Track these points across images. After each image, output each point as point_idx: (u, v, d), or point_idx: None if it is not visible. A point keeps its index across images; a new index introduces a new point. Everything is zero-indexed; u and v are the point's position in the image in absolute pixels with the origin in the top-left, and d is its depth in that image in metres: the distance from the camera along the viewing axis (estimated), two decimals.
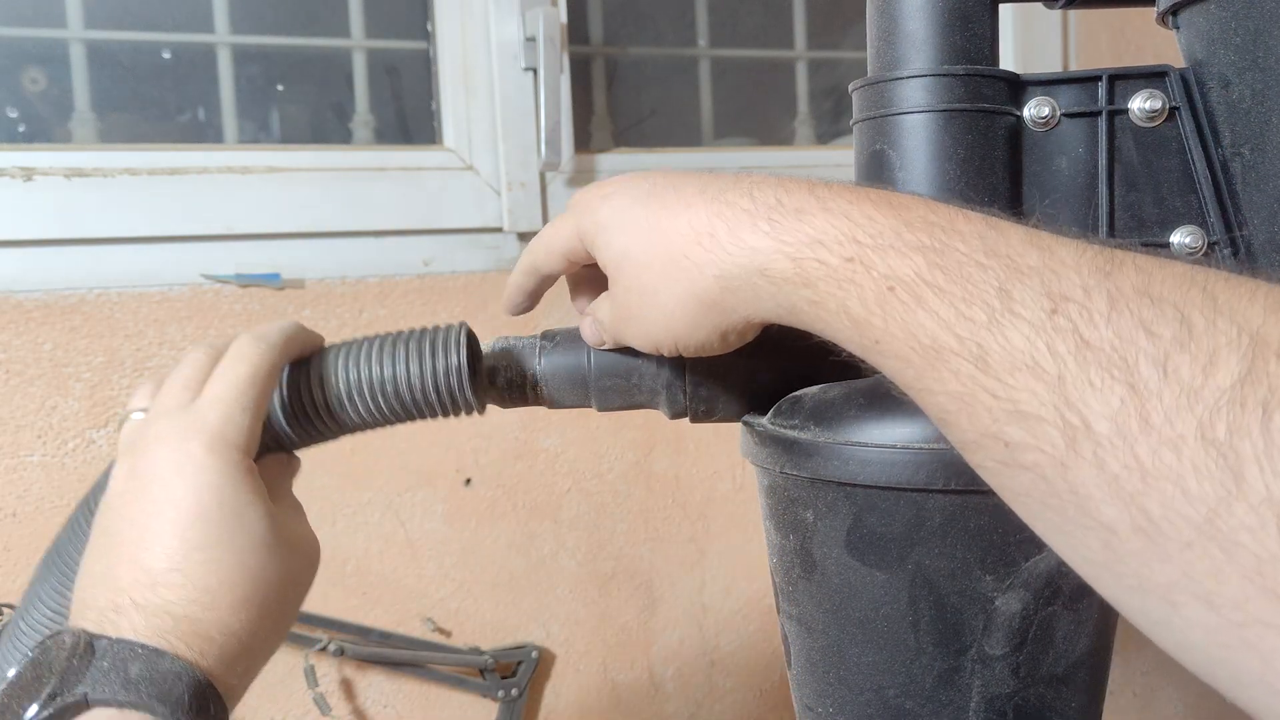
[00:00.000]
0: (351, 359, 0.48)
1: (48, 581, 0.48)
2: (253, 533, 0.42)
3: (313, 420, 0.48)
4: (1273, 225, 0.42)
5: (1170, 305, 0.26)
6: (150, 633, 0.39)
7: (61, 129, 1.05)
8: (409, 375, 0.47)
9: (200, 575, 0.40)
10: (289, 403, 0.48)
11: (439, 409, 0.48)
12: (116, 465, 0.44)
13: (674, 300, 0.38)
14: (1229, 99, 0.42)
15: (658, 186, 0.39)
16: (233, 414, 0.43)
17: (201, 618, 0.40)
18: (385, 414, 0.48)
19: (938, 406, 0.30)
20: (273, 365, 0.46)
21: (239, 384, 0.44)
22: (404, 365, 0.47)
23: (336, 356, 0.48)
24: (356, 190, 1.07)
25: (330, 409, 0.48)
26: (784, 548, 0.46)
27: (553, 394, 0.50)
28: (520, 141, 1.12)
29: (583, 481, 1.16)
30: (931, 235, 0.31)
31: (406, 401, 0.48)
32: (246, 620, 0.41)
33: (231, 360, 0.45)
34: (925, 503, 0.40)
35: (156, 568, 0.40)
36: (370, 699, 1.08)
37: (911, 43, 0.44)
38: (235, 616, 0.41)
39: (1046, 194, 0.45)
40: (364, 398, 0.47)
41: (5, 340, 0.95)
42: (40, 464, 0.96)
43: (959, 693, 0.42)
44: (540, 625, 1.15)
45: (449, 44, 1.12)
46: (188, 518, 0.41)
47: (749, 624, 1.25)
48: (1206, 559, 0.23)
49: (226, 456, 0.42)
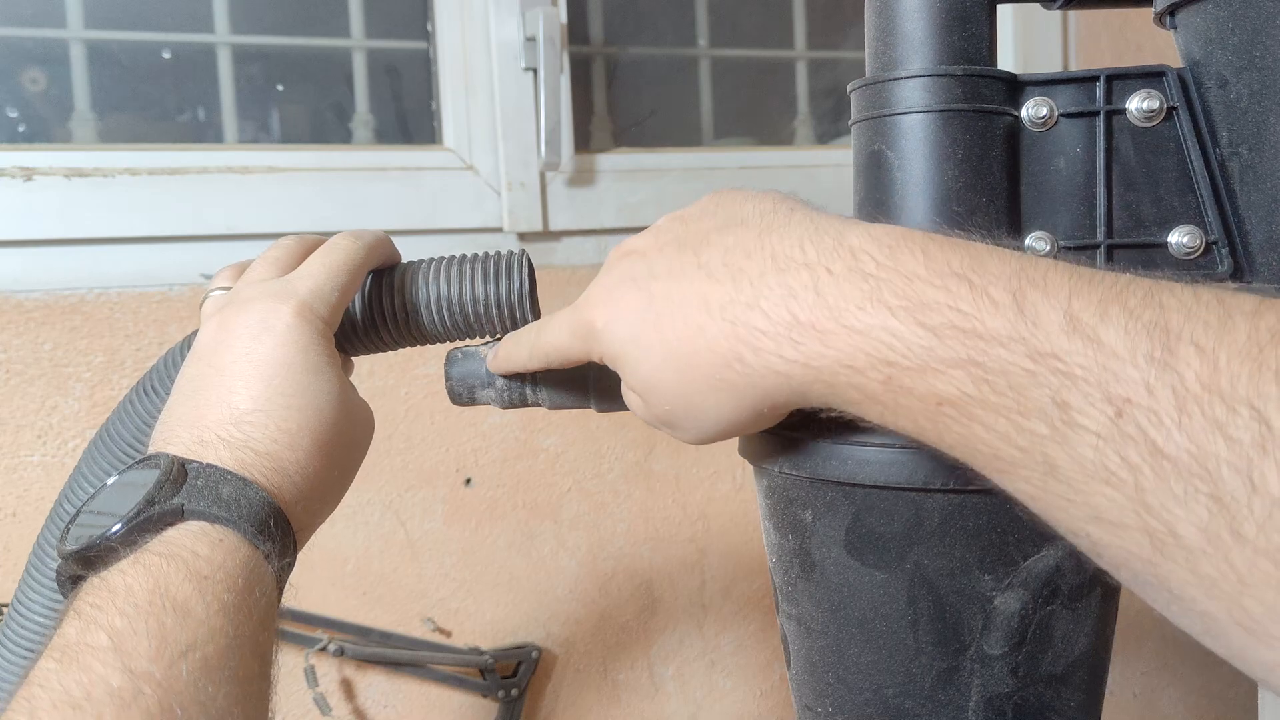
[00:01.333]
0: (427, 273, 0.52)
1: (96, 462, 0.49)
2: (329, 390, 0.45)
3: (382, 327, 0.52)
4: (1270, 224, 0.42)
5: (1244, 404, 0.24)
6: (235, 464, 0.41)
7: (61, 129, 1.05)
8: (474, 293, 0.51)
9: (282, 418, 0.43)
10: (368, 305, 0.52)
11: (499, 327, 0.52)
12: (202, 328, 0.47)
13: (725, 412, 0.37)
14: (1227, 98, 0.42)
15: (655, 302, 0.37)
16: (323, 290, 0.46)
17: (282, 455, 0.42)
18: (450, 327, 0.52)
19: (1013, 498, 0.30)
20: (365, 261, 0.49)
21: (333, 267, 0.48)
22: (470, 284, 0.51)
23: (416, 270, 0.52)
24: (356, 190, 1.07)
25: (403, 317, 0.52)
26: (783, 548, 0.46)
27: (552, 395, 0.50)
28: (520, 141, 1.12)
29: (583, 481, 1.16)
30: (966, 346, 0.29)
31: (471, 317, 0.52)
32: (320, 465, 0.44)
33: (328, 248, 0.49)
34: (924, 502, 0.40)
35: (242, 408, 0.43)
36: (370, 699, 1.08)
37: (910, 43, 0.45)
38: (311, 460, 0.44)
39: (1044, 194, 0.45)
40: (437, 309, 0.52)
41: (5, 340, 0.95)
42: (40, 464, 0.96)
43: (958, 692, 0.42)
44: (540, 625, 1.15)
45: (449, 44, 1.12)
46: (273, 367, 0.43)
47: (749, 624, 1.25)
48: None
49: (312, 323, 0.45)
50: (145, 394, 0.51)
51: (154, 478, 0.39)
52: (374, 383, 1.05)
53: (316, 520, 0.46)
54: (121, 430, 0.50)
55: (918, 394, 0.30)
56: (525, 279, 0.52)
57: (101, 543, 0.38)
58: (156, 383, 0.51)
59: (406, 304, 0.51)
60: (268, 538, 0.40)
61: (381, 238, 0.51)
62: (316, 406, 0.44)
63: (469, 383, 0.51)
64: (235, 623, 0.37)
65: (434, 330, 0.52)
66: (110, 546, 0.38)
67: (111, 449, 0.50)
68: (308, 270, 0.47)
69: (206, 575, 0.37)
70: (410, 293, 0.51)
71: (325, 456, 0.44)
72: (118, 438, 0.50)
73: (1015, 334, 0.28)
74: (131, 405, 0.51)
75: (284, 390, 0.43)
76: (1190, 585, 0.25)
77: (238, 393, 0.43)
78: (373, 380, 1.05)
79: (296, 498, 0.43)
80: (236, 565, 0.38)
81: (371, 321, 0.52)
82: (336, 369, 0.46)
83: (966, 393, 0.29)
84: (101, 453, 0.50)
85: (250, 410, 0.43)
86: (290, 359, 0.44)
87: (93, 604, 0.35)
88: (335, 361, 0.46)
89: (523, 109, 1.12)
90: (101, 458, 0.50)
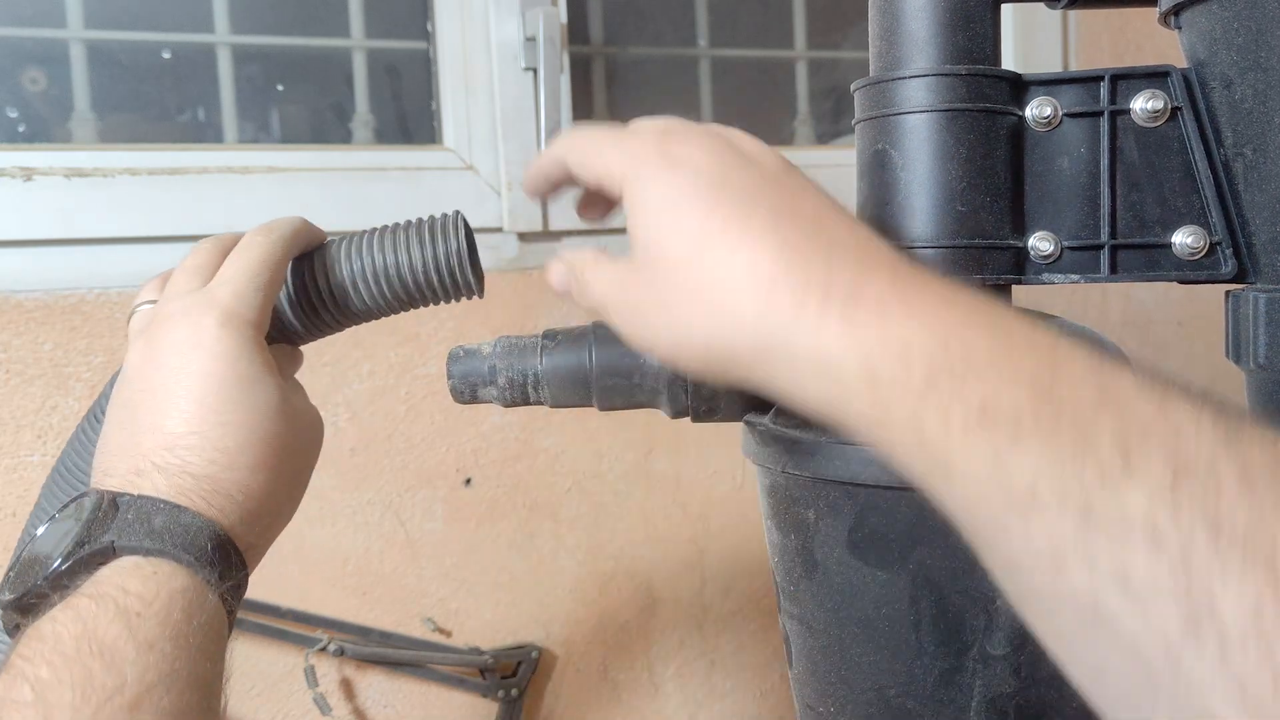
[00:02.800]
0: (355, 248, 0.50)
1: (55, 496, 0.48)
2: (265, 401, 0.43)
3: (318, 310, 0.50)
4: (1274, 225, 0.42)
5: None
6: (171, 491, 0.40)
7: (61, 129, 1.05)
8: (411, 260, 0.49)
9: (218, 437, 0.42)
10: (295, 294, 0.49)
11: (440, 293, 0.50)
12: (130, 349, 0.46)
13: (696, 331, 0.34)
14: (1231, 99, 0.42)
15: (728, 186, 0.34)
16: (245, 293, 0.45)
17: (220, 477, 0.41)
18: (389, 300, 0.50)
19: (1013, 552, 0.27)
20: (283, 253, 0.47)
21: (251, 267, 0.46)
22: (405, 251, 0.49)
23: (339, 246, 0.50)
24: (356, 190, 1.07)
25: (335, 297, 0.49)
26: (785, 547, 0.46)
27: (554, 393, 0.50)
28: (520, 141, 1.12)
29: (583, 481, 1.16)
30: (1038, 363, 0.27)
31: (410, 286, 0.49)
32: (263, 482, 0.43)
33: (242, 248, 0.47)
34: (927, 502, 0.40)
35: (175, 431, 0.41)
36: (370, 699, 1.08)
37: (913, 42, 0.45)
38: (253, 477, 0.42)
39: (1048, 194, 0.45)
40: (368, 284, 0.49)
41: (5, 340, 0.95)
42: (40, 464, 0.96)
43: (960, 692, 0.42)
44: (540, 625, 1.15)
45: (449, 44, 1.12)
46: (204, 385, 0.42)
47: (749, 624, 1.25)
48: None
49: (240, 331, 0.44)
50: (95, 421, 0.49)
51: (84, 516, 0.39)
52: (374, 382, 1.05)
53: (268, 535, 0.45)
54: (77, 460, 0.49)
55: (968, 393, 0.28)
56: (462, 239, 0.49)
57: (35, 589, 0.37)
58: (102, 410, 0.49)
59: (333, 285, 0.49)
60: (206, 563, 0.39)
61: (297, 223, 0.49)
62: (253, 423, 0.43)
63: (471, 380, 0.51)
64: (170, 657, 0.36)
65: (370, 305, 0.50)
66: (43, 593, 0.37)
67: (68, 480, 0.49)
68: (227, 275, 0.46)
69: (138, 612, 0.36)
70: (336, 272, 0.49)
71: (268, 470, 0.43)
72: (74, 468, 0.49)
73: (1088, 372, 0.27)
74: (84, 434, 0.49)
75: (217, 408, 0.42)
76: (1213, 684, 0.22)
77: (170, 416, 0.42)
78: (373, 380, 1.05)
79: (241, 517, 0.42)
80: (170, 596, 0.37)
81: (303, 310, 0.50)
82: (272, 376, 0.44)
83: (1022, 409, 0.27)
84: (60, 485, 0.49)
85: (184, 433, 0.41)
86: (221, 373, 0.42)
87: (23, 655, 0.35)
88: (270, 368, 0.45)
89: (523, 109, 1.12)
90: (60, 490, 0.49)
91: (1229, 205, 0.43)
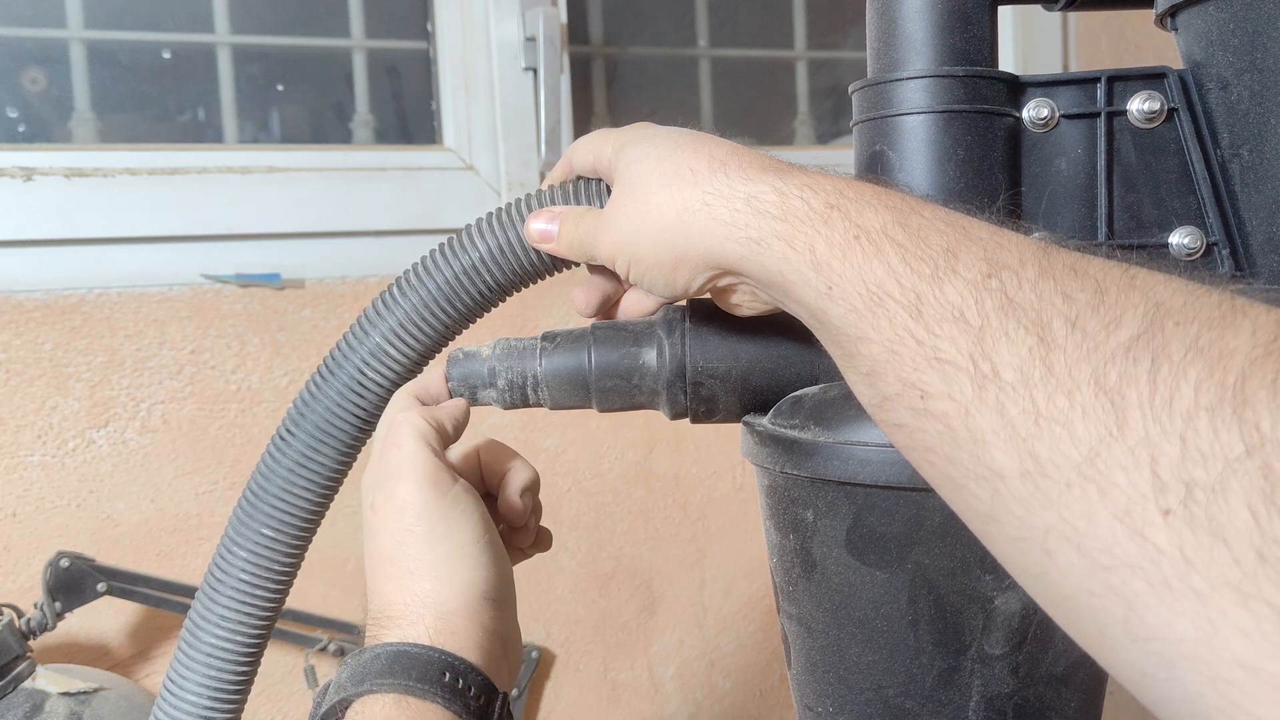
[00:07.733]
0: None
1: (252, 518, 0.53)
2: (475, 546, 0.48)
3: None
4: (1271, 226, 0.42)
5: (1091, 279, 0.28)
6: (418, 635, 0.44)
7: (61, 129, 1.05)
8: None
9: (447, 585, 0.46)
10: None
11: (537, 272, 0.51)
12: (375, 486, 0.48)
13: (654, 206, 0.41)
14: (1227, 100, 0.42)
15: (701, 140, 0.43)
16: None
17: (454, 617, 0.46)
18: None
19: (869, 358, 0.32)
20: (461, 417, 0.51)
21: (439, 430, 0.49)
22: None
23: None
24: (356, 190, 1.07)
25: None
26: (784, 547, 0.46)
27: (554, 395, 0.50)
28: (520, 141, 1.12)
29: (583, 481, 1.16)
30: (904, 201, 0.35)
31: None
32: (493, 615, 0.48)
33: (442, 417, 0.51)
34: (925, 502, 0.40)
35: (422, 588, 0.46)
36: None
37: (911, 44, 0.45)
38: (485, 611, 0.47)
39: (1045, 195, 0.45)
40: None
41: (5, 340, 0.95)
42: (40, 464, 0.96)
43: (959, 692, 0.42)
44: (540, 625, 1.15)
45: (449, 44, 1.12)
46: (427, 539, 0.46)
47: (749, 624, 1.25)
48: (1083, 499, 0.25)
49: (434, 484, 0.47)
50: (283, 439, 0.52)
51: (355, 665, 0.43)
52: None
53: (511, 649, 0.49)
54: (264, 484, 0.52)
55: (849, 220, 0.35)
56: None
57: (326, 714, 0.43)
58: (292, 425, 0.52)
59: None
60: (452, 694, 0.42)
61: (450, 406, 0.51)
62: (469, 567, 0.47)
63: (470, 383, 0.51)
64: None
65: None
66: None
67: (256, 506, 0.53)
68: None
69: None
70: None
71: (487, 600, 0.47)
72: (260, 492, 0.52)
73: (943, 212, 0.34)
74: (273, 456, 0.52)
75: (447, 559, 0.46)
76: (993, 430, 0.27)
77: (416, 576, 0.46)
78: None
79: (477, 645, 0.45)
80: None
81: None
82: (472, 518, 0.48)
83: (885, 229, 0.33)
84: (248, 512, 0.53)
85: (425, 587, 0.46)
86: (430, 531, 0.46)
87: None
88: (470, 509, 0.48)
89: (523, 109, 1.12)
90: (249, 518, 0.53)
91: (1225, 206, 0.43)
